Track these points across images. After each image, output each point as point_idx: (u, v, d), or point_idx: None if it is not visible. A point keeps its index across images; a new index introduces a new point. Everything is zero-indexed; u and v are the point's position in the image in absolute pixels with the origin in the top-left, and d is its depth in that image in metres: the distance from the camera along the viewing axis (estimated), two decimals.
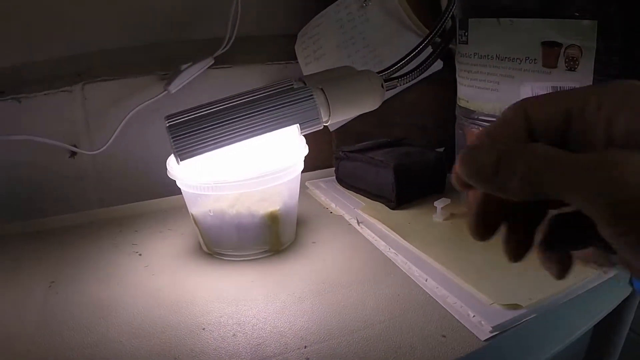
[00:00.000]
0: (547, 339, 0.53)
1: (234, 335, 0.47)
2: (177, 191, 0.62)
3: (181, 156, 0.55)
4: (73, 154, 0.77)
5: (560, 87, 0.52)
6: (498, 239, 0.59)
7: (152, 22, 0.82)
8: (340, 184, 0.79)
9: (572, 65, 0.51)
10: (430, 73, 0.77)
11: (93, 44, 0.79)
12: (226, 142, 0.55)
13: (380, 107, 0.69)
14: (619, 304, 0.67)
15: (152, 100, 0.77)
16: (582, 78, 0.50)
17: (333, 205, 0.73)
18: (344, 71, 0.63)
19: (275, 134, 0.57)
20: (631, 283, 0.63)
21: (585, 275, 0.53)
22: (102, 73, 0.78)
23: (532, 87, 0.54)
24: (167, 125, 0.56)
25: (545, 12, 0.52)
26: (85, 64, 0.78)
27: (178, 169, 0.57)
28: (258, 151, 0.58)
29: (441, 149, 0.73)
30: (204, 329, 0.48)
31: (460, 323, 0.47)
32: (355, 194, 0.76)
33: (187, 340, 0.46)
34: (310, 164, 0.84)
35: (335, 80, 0.60)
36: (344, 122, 0.83)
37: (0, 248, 0.66)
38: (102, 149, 0.75)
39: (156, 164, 0.61)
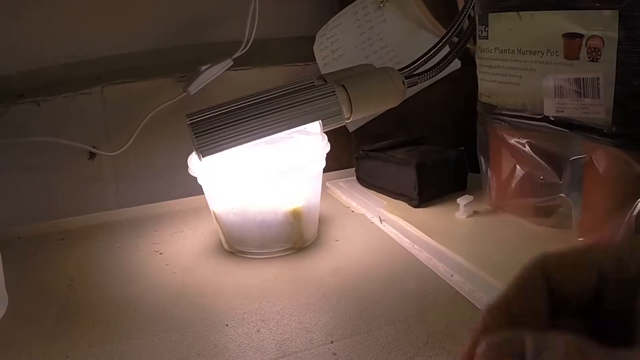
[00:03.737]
0: None
1: (258, 331, 0.46)
2: (196, 192, 0.62)
3: (203, 153, 0.55)
4: (92, 155, 0.77)
5: (583, 78, 0.51)
6: (524, 237, 0.59)
7: (171, 25, 0.82)
8: (361, 184, 0.79)
9: (594, 56, 0.50)
10: (448, 73, 0.77)
11: (112, 47, 0.80)
12: (248, 138, 0.55)
13: (398, 107, 0.69)
14: None
15: (171, 102, 0.77)
16: (605, 68, 0.49)
17: (354, 204, 0.73)
18: (364, 68, 0.63)
19: (297, 131, 0.57)
20: None
21: None
22: (121, 76, 0.78)
23: (554, 79, 0.54)
24: (189, 122, 0.56)
25: (566, 4, 0.51)
26: (104, 67, 0.79)
27: (199, 166, 0.57)
28: (280, 148, 0.58)
29: (461, 148, 0.73)
30: (227, 325, 0.47)
31: None
32: (376, 193, 0.76)
33: (210, 336, 0.46)
34: (331, 164, 0.84)
35: (356, 77, 0.60)
36: (363, 123, 0.83)
37: (20, 249, 0.66)
38: (121, 151, 0.75)
39: (175, 165, 0.61)
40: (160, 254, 0.63)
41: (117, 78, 0.78)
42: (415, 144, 0.77)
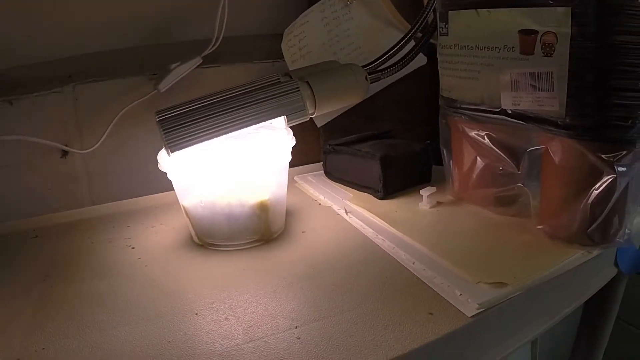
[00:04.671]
0: (533, 317, 0.54)
1: (226, 318, 0.48)
2: (168, 187, 0.63)
3: (172, 148, 0.56)
4: (65, 153, 0.78)
5: (537, 73, 0.54)
6: (485, 226, 0.61)
7: (141, 24, 0.83)
8: (329, 177, 0.81)
9: (548, 51, 0.52)
10: (415, 68, 0.79)
11: (83, 46, 0.80)
12: (215, 134, 0.57)
13: (366, 102, 0.71)
14: (607, 288, 0.68)
15: (142, 99, 0.78)
16: (558, 63, 0.52)
17: (322, 197, 0.75)
18: (329, 65, 0.65)
19: (263, 126, 0.59)
20: (616, 264, 0.65)
21: (569, 255, 0.54)
22: (93, 74, 0.79)
23: (510, 74, 0.56)
24: (158, 119, 0.57)
25: (521, 1, 0.53)
26: (75, 65, 0.79)
27: (169, 162, 0.59)
28: (246, 143, 0.59)
29: (427, 142, 0.75)
30: (196, 314, 0.49)
31: (448, 301, 0.48)
32: (343, 186, 0.77)
33: (180, 325, 0.47)
34: (299, 159, 0.85)
35: (320, 73, 0.62)
36: (331, 118, 0.85)
37: None
38: (93, 148, 0.76)
39: (147, 162, 0.62)
40: (133, 248, 0.64)
41: (88, 77, 0.78)
42: (382, 137, 0.78)
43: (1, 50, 0.76)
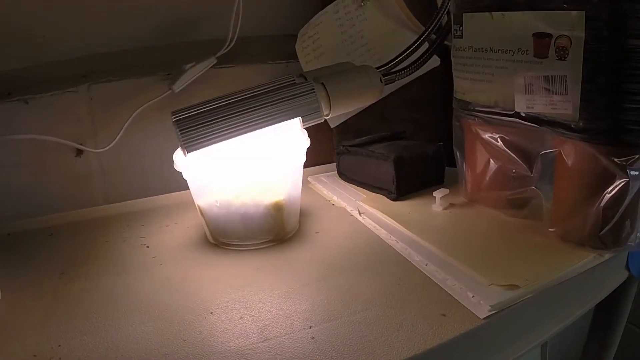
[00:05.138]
0: (544, 319, 0.54)
1: (241, 317, 0.49)
2: (182, 187, 0.64)
3: (188, 148, 0.57)
4: (79, 152, 0.79)
5: (551, 76, 0.54)
6: (497, 228, 0.61)
7: (156, 24, 0.83)
8: (342, 178, 0.81)
9: (562, 54, 0.52)
10: (428, 70, 0.79)
11: (98, 46, 0.81)
12: (231, 134, 0.57)
13: (379, 103, 0.71)
14: (618, 291, 0.68)
15: (157, 99, 0.78)
16: (572, 66, 0.52)
17: (335, 197, 0.75)
18: (344, 66, 0.65)
19: (279, 127, 0.59)
20: (627, 268, 0.65)
21: (581, 258, 0.54)
22: (107, 74, 0.79)
23: (524, 77, 0.56)
24: (174, 119, 0.58)
25: (536, 5, 0.54)
26: (90, 65, 0.80)
27: (184, 162, 0.59)
28: (262, 144, 0.60)
29: (440, 143, 0.75)
30: (211, 313, 0.50)
31: (460, 303, 0.49)
32: (356, 187, 0.78)
33: (195, 323, 0.48)
34: (312, 160, 0.85)
35: (335, 75, 0.63)
36: (345, 119, 0.85)
37: (10, 244, 0.68)
38: (107, 147, 0.77)
39: (161, 161, 0.63)
40: (147, 247, 0.64)
41: (103, 76, 0.79)
42: (396, 139, 0.78)
43: (17, 50, 0.76)
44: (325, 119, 0.64)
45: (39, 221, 0.74)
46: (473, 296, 0.49)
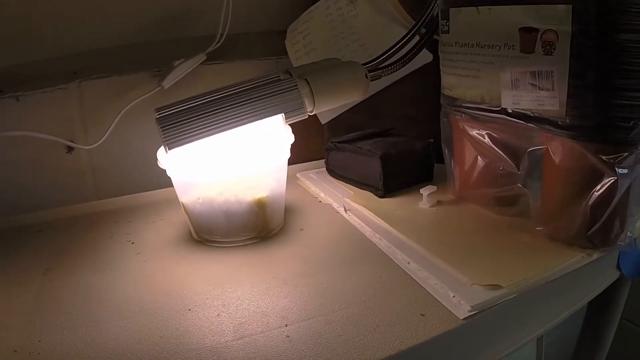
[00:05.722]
0: (528, 320, 0.54)
1: (218, 315, 0.48)
2: (171, 183, 0.63)
3: (169, 145, 0.57)
4: (70, 149, 0.79)
5: (538, 72, 0.53)
6: (484, 226, 0.61)
7: (146, 21, 0.83)
8: (331, 175, 0.81)
9: (548, 49, 0.52)
10: (420, 65, 0.79)
11: (88, 43, 0.81)
12: (213, 131, 0.57)
13: (371, 99, 0.70)
14: (611, 290, 0.67)
15: (146, 96, 0.78)
16: (558, 61, 0.51)
17: (322, 194, 0.75)
18: (329, 62, 0.64)
19: (263, 124, 0.59)
20: (619, 267, 0.64)
21: (568, 257, 0.54)
22: (98, 71, 0.79)
23: (511, 72, 0.55)
24: (157, 116, 0.58)
25: None
26: (80, 62, 0.80)
27: (168, 159, 0.59)
28: (245, 140, 0.60)
29: (430, 140, 0.74)
30: (189, 310, 0.49)
31: (440, 303, 0.48)
32: (344, 183, 0.77)
33: (173, 320, 0.48)
34: (302, 156, 0.85)
35: (319, 71, 0.62)
36: (335, 115, 0.84)
37: None
38: (97, 144, 0.77)
39: (150, 158, 0.62)
40: (132, 243, 0.64)
41: (93, 73, 0.79)
42: (385, 135, 0.78)
43: (7, 47, 0.76)
44: (316, 115, 0.64)
45: (28, 217, 0.74)
46: (454, 296, 0.48)
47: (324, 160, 0.83)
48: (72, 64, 0.79)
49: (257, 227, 0.62)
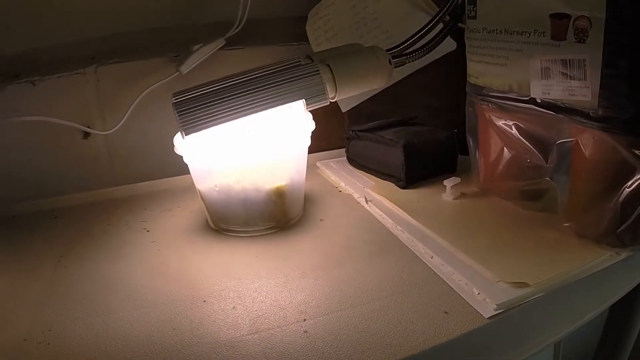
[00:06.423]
0: (555, 320, 0.52)
1: (234, 307, 0.47)
2: (188, 170, 0.62)
3: (186, 131, 0.55)
4: (86, 134, 0.78)
5: (569, 60, 0.51)
6: (509, 220, 0.58)
7: (164, 5, 0.82)
8: (351, 164, 0.79)
9: (581, 36, 0.49)
10: (444, 54, 0.76)
11: (105, 27, 0.79)
12: (231, 117, 0.56)
13: (393, 88, 0.68)
14: (635, 291, 0.65)
15: (164, 81, 0.77)
16: (591, 49, 0.48)
17: (342, 184, 0.73)
18: (352, 48, 0.62)
19: (283, 110, 0.57)
20: None
21: (596, 256, 0.51)
22: (115, 56, 0.78)
23: (541, 60, 0.53)
24: (174, 101, 0.56)
25: None
26: (98, 47, 0.79)
27: (184, 145, 0.58)
28: (265, 127, 0.58)
29: (454, 130, 0.72)
30: (204, 301, 0.48)
31: (464, 300, 0.46)
32: (365, 173, 0.76)
33: (187, 312, 0.47)
34: (323, 144, 0.84)
35: (341, 56, 0.60)
36: (357, 103, 0.83)
37: (13, 226, 0.67)
38: (114, 129, 0.76)
39: (167, 144, 0.61)
40: (148, 231, 0.63)
41: (110, 58, 0.78)
42: (407, 124, 0.76)
43: (24, 32, 0.76)
44: (337, 103, 0.62)
45: (44, 203, 0.73)
46: (479, 293, 0.46)
47: (344, 149, 0.81)
48: (89, 49, 0.78)
49: (275, 217, 0.60)
